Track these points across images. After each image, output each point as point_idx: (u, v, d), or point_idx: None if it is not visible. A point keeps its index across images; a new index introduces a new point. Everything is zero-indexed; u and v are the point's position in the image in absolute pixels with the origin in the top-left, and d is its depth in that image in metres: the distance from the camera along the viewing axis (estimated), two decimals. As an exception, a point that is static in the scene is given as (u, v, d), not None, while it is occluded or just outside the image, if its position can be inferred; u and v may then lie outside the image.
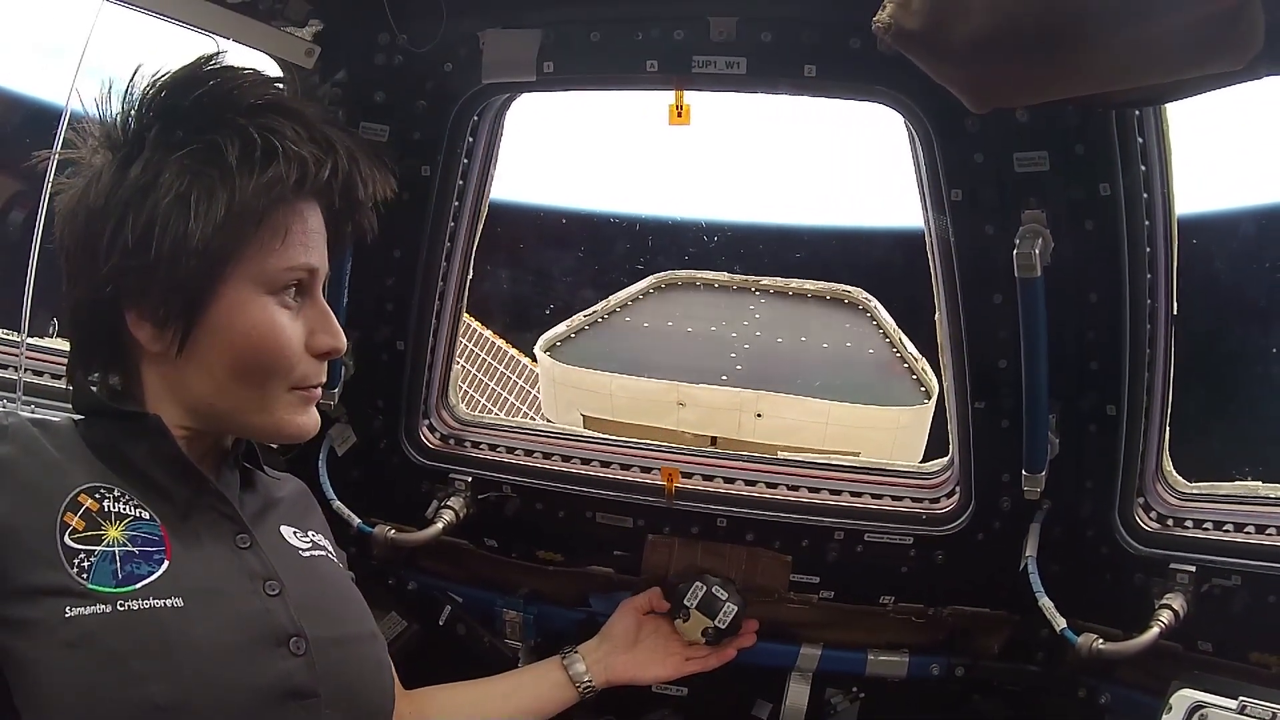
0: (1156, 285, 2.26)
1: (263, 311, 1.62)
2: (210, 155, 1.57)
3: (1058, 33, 1.62)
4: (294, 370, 1.66)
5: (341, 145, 1.66)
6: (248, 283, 1.61)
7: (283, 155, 1.58)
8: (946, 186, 2.26)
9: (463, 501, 2.76)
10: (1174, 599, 2.25)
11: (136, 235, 1.55)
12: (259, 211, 1.58)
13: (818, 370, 8.03)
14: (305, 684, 1.57)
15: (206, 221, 1.54)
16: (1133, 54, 1.63)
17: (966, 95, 1.80)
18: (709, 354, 8.22)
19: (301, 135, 1.61)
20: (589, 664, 2.43)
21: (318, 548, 1.84)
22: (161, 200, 1.55)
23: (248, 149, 1.57)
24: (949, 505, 2.58)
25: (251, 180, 1.56)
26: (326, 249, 1.72)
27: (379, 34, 2.45)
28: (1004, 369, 2.37)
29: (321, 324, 1.70)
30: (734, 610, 2.54)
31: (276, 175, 1.57)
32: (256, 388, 1.65)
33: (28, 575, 1.44)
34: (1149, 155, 2.17)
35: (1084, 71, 1.70)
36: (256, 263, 1.61)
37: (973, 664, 2.63)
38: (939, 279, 2.41)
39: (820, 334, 8.46)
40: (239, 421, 1.69)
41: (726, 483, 2.71)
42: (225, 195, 1.55)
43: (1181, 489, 2.42)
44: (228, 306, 1.60)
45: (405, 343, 2.74)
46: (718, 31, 2.27)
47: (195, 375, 1.63)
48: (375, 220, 1.80)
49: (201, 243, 1.54)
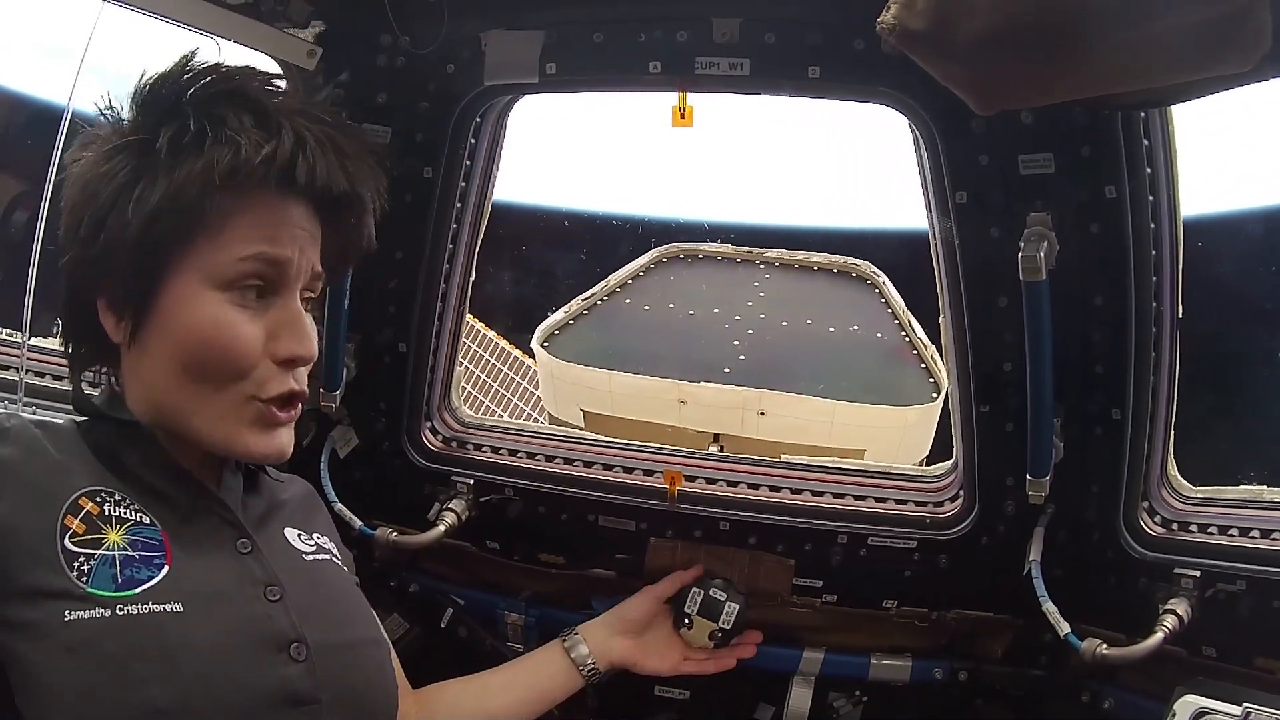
0: (1162, 288, 2.25)
1: (208, 307, 1.58)
2: (150, 145, 1.56)
3: (1062, 32, 1.61)
4: (248, 375, 1.60)
5: (293, 131, 1.59)
6: (195, 275, 1.57)
7: (213, 140, 1.54)
8: (951, 189, 2.25)
9: (465, 504, 2.75)
10: (1178, 604, 2.24)
11: (90, 226, 1.56)
12: (191, 199, 1.53)
13: (823, 359, 7.75)
14: (306, 690, 1.56)
15: (140, 209, 1.53)
16: (1138, 55, 1.62)
17: (971, 96, 1.79)
18: (711, 343, 7.89)
19: (245, 122, 1.57)
20: (592, 645, 2.43)
21: (322, 550, 1.83)
22: (107, 190, 1.55)
23: (180, 135, 1.55)
24: (953, 509, 2.57)
25: (185, 168, 1.53)
26: (317, 250, 1.68)
27: (381, 35, 2.44)
28: (1009, 372, 2.36)
29: (289, 328, 1.63)
30: (735, 609, 2.54)
31: (208, 161, 1.53)
32: (210, 391, 1.60)
33: (28, 577, 1.43)
34: (1155, 158, 2.15)
35: (1089, 72, 1.69)
36: (205, 255, 1.57)
37: (976, 668, 2.62)
38: (943, 282, 2.40)
39: (827, 315, 8.09)
40: (190, 425, 1.62)
41: (729, 486, 2.70)
42: (164, 184, 1.53)
43: (1186, 493, 2.41)
44: (174, 299, 1.58)
45: (408, 344, 2.73)
46: (720, 33, 2.26)
47: (151, 370, 1.62)
48: (373, 230, 1.76)
49: (137, 231, 1.53)
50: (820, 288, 8.31)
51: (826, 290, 8.29)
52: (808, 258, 8.42)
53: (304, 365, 1.66)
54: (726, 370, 7.56)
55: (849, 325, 7.95)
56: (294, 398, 1.66)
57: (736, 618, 2.54)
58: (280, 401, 1.64)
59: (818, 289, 8.30)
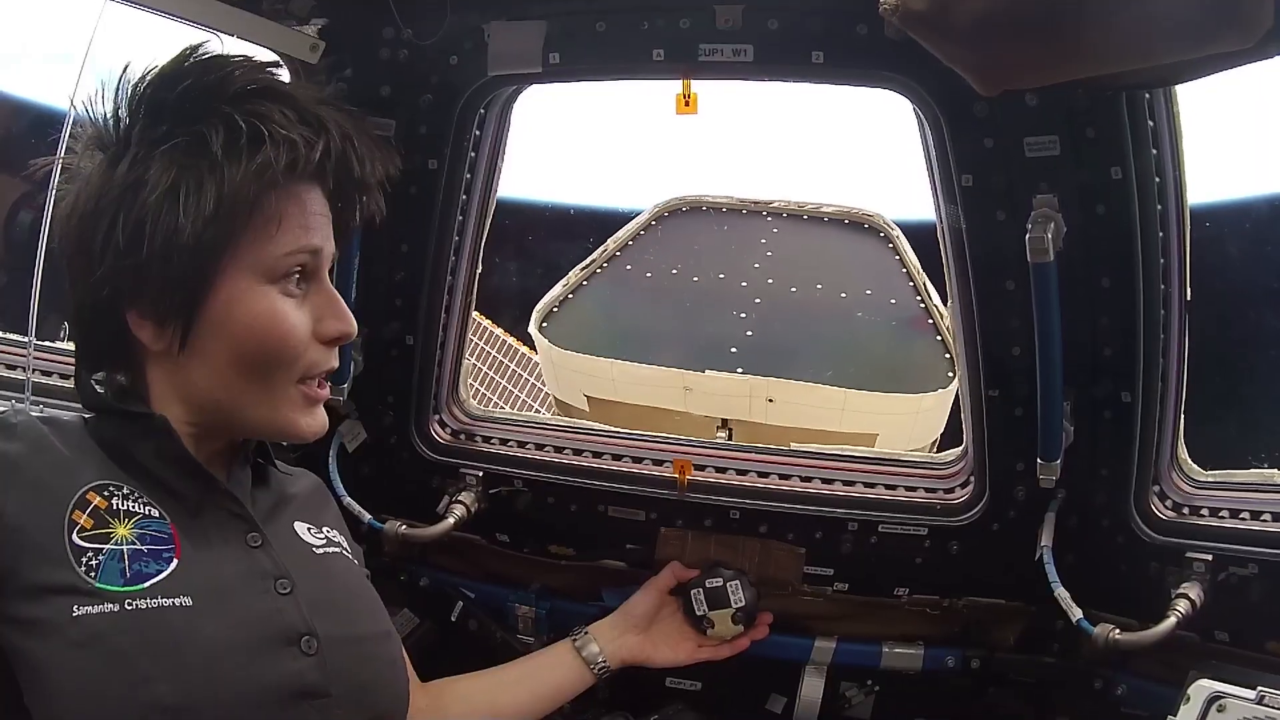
0: (1170, 270, 2.24)
1: (264, 301, 1.59)
2: (196, 147, 1.54)
3: (1061, 10, 1.62)
4: (300, 359, 1.64)
5: (334, 125, 1.62)
6: (246, 273, 1.58)
7: (270, 140, 1.55)
8: (957, 173, 2.24)
9: (474, 497, 2.75)
10: (1190, 588, 2.23)
11: (128, 235, 1.53)
12: (250, 199, 1.55)
13: (835, 336, 7.31)
14: (316, 683, 1.56)
15: (196, 215, 1.52)
16: (1138, 32, 1.63)
17: (974, 77, 1.80)
18: (716, 316, 7.44)
19: (290, 118, 1.58)
20: (602, 644, 2.43)
21: (332, 544, 1.83)
22: (149, 197, 1.53)
23: (233, 136, 1.54)
24: (963, 495, 2.56)
25: (240, 168, 1.53)
26: (332, 232, 1.69)
27: (383, 28, 2.44)
28: (1017, 356, 2.35)
29: (330, 309, 1.67)
30: (737, 584, 2.55)
31: (266, 161, 1.54)
32: (262, 381, 1.62)
33: (36, 573, 1.43)
34: (1160, 138, 2.14)
35: (1090, 51, 1.69)
36: (253, 252, 1.58)
37: (988, 656, 2.61)
38: (950, 267, 2.39)
39: (838, 277, 7.54)
40: (245, 418, 1.66)
41: (739, 474, 2.69)
42: (214, 186, 1.52)
43: (1197, 476, 2.40)
44: (226, 299, 1.58)
45: (415, 338, 2.73)
46: (723, 19, 2.26)
47: (199, 372, 1.61)
48: (382, 202, 1.77)
49: (193, 237, 1.52)
50: (832, 242, 7.78)
51: (839, 245, 7.78)
52: (817, 206, 7.91)
53: (347, 340, 1.71)
54: (733, 350, 7.23)
55: (863, 289, 7.49)
56: (331, 372, 1.72)
57: (745, 592, 2.55)
58: (325, 377, 1.70)
59: (829, 244, 7.78)
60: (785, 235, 7.82)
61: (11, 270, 4.17)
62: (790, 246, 7.74)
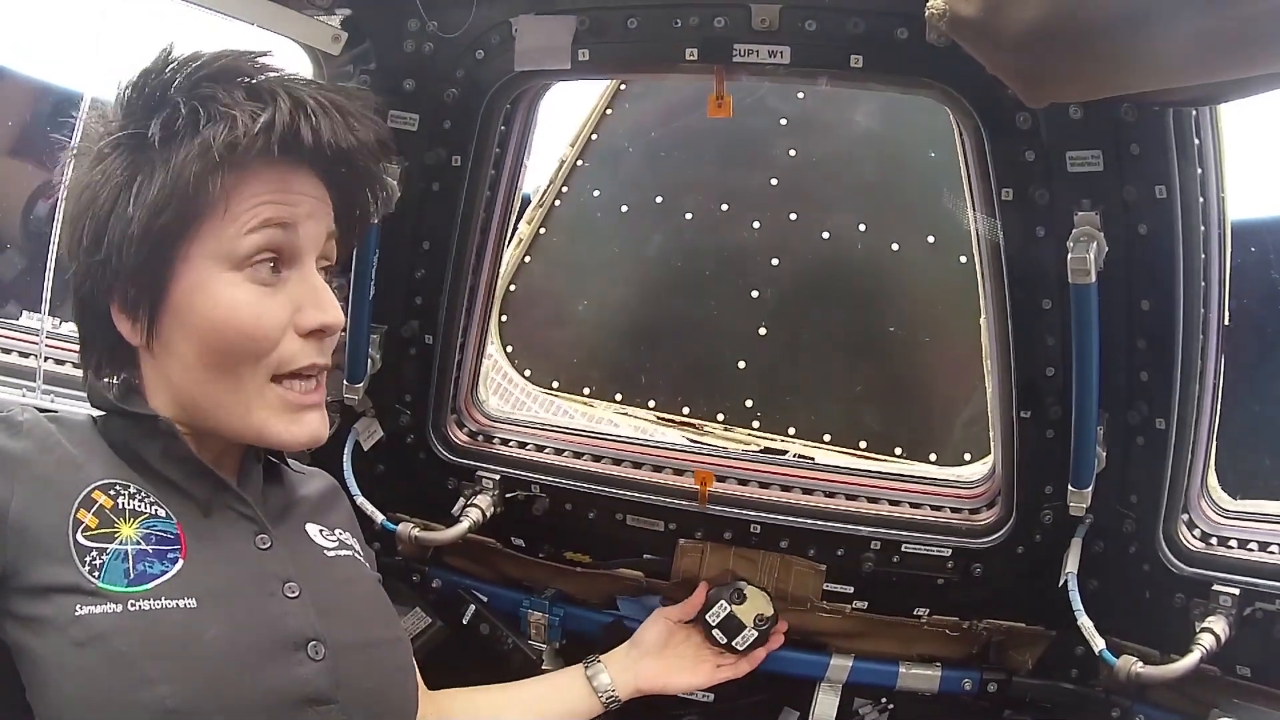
0: (1210, 294, 2.19)
1: (226, 289, 1.53)
2: (143, 138, 1.52)
3: (1113, 25, 1.57)
4: (271, 352, 1.56)
5: (290, 96, 1.54)
6: (207, 260, 1.53)
7: (206, 118, 1.50)
8: (996, 185, 2.19)
9: (490, 500, 2.72)
10: (1215, 622, 2.19)
11: (92, 231, 1.53)
12: (192, 181, 1.49)
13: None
14: (323, 690, 1.53)
15: (142, 203, 1.49)
16: (1191, 48, 1.58)
17: (1021, 87, 1.76)
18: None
19: (236, 97, 1.52)
20: (613, 674, 2.38)
21: (344, 547, 1.80)
22: (104, 192, 1.52)
23: (170, 121, 1.51)
24: (989, 516, 2.52)
25: (180, 152, 1.49)
26: (326, 214, 1.64)
27: (408, 20, 2.40)
28: (1051, 378, 2.31)
29: (310, 298, 1.59)
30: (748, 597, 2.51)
31: (205, 140, 1.49)
32: (230, 378, 1.56)
33: (40, 572, 1.41)
34: (1205, 157, 2.10)
35: (1143, 66, 1.65)
36: (213, 237, 1.53)
37: (1006, 679, 2.58)
38: (986, 282, 2.35)
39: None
40: (219, 420, 1.59)
41: (761, 488, 2.66)
42: (162, 174, 1.50)
43: (1226, 506, 2.35)
44: (188, 287, 1.53)
45: (434, 337, 2.69)
46: (760, 19, 2.21)
47: (173, 367, 1.58)
48: (387, 184, 1.73)
49: (142, 225, 1.49)
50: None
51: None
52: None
53: (331, 335, 1.62)
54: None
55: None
56: (315, 370, 1.62)
57: (758, 602, 2.51)
58: (303, 374, 1.60)
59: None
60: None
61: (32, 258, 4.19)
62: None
